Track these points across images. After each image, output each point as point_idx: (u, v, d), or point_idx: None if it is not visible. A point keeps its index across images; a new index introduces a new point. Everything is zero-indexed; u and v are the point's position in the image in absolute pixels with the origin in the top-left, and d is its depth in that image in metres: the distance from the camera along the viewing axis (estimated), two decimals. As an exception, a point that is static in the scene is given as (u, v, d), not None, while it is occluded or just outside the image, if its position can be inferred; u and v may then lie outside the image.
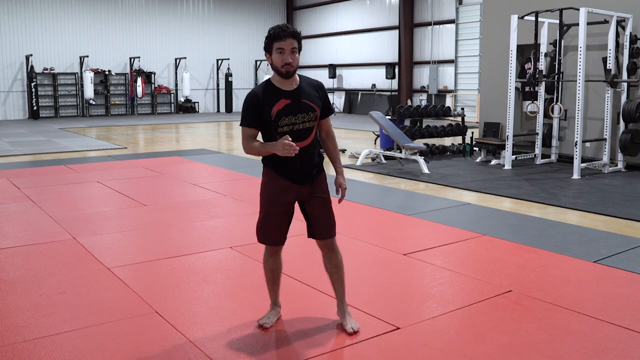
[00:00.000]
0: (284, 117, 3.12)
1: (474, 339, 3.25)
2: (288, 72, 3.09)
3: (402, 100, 21.71)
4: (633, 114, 8.97)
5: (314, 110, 3.18)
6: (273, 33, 3.06)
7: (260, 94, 3.15)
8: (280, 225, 3.32)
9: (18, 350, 3.10)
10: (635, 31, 9.23)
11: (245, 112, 3.19)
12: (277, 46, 3.06)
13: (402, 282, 4.21)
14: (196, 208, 6.62)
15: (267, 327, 3.39)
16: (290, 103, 3.12)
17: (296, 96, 3.14)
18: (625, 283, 4.16)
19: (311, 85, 3.24)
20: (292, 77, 3.15)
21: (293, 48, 3.07)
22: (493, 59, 11.25)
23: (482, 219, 6.20)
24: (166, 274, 4.37)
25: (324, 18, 26.41)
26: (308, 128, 3.18)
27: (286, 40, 3.05)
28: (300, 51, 3.14)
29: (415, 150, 9.49)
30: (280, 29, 3.05)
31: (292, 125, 3.13)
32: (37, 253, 4.87)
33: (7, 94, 21.85)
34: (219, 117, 22.77)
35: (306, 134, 3.18)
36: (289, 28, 3.07)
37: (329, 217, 3.32)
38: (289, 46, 3.06)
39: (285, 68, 3.08)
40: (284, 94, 3.13)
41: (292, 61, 3.07)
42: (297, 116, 3.14)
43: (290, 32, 3.05)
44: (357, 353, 3.10)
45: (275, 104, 3.11)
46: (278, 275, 3.48)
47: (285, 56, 3.06)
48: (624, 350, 3.11)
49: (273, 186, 3.30)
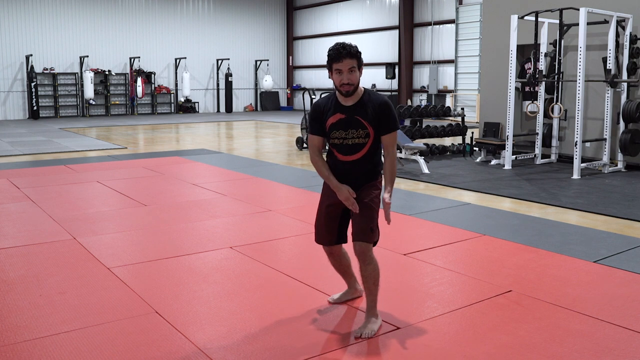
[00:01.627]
0: (335, 131, 3.27)
1: (474, 339, 3.25)
2: (347, 91, 3.21)
3: (402, 100, 21.71)
4: (633, 114, 8.97)
5: (364, 128, 3.24)
6: (330, 54, 3.17)
7: (322, 105, 3.34)
8: (326, 225, 3.45)
9: (18, 350, 3.10)
10: (635, 31, 9.23)
11: (310, 120, 3.39)
12: (335, 67, 3.18)
13: (402, 282, 4.21)
14: (196, 208, 6.62)
15: (331, 302, 3.67)
16: (344, 118, 3.25)
17: (351, 112, 3.25)
18: (625, 283, 4.16)
19: (371, 103, 3.26)
20: (353, 94, 3.25)
21: (351, 68, 3.17)
22: (493, 59, 11.25)
23: (482, 219, 6.20)
24: (166, 274, 4.37)
25: (324, 18, 26.41)
26: (358, 144, 3.26)
27: (342, 62, 3.15)
28: (361, 66, 3.23)
29: (415, 150, 9.49)
30: (337, 51, 3.15)
31: (343, 139, 3.26)
32: (37, 253, 4.87)
33: (7, 94, 21.85)
34: (219, 117, 22.77)
35: (356, 149, 3.27)
36: (346, 49, 3.15)
37: (364, 220, 3.28)
38: (347, 67, 3.16)
39: (344, 88, 3.20)
40: (340, 109, 3.27)
41: (348, 81, 3.17)
42: (347, 131, 3.25)
43: (347, 52, 3.15)
44: (357, 353, 3.10)
45: (330, 117, 3.28)
46: (344, 270, 3.63)
47: (343, 77, 3.17)
48: (624, 350, 3.11)
49: (324, 189, 3.48)
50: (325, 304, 3.74)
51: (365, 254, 3.27)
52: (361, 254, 3.28)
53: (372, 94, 3.32)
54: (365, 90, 3.32)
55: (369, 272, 3.30)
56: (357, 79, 3.21)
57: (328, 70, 3.25)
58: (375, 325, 3.32)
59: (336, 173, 3.34)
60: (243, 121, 21.24)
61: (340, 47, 3.16)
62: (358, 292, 3.76)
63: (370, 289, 3.35)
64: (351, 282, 3.74)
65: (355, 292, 3.76)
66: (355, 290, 3.76)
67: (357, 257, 3.30)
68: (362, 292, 3.74)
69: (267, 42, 27.68)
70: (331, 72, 3.22)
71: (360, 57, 3.23)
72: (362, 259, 3.28)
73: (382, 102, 3.26)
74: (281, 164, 10.39)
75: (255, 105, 27.45)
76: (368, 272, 3.30)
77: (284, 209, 6.55)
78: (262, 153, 12.11)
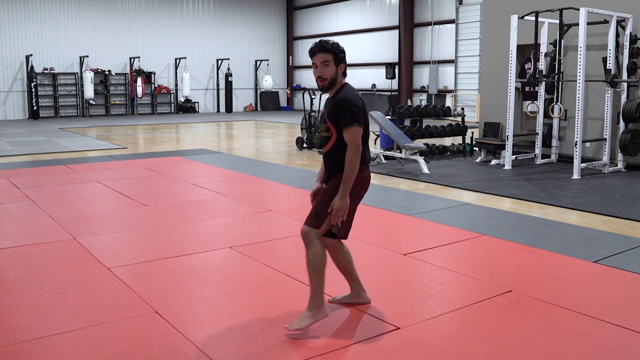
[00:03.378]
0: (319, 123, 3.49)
1: (474, 339, 3.25)
2: (323, 85, 3.33)
3: (402, 100, 21.71)
4: (633, 114, 8.97)
5: (324, 122, 3.37)
6: (308, 50, 3.35)
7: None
8: None
9: (18, 350, 3.10)
10: (635, 31, 9.23)
11: None
12: (312, 62, 3.34)
13: (402, 282, 4.21)
14: (196, 208, 6.62)
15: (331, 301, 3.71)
16: (322, 111, 3.44)
17: (325, 106, 3.43)
18: (625, 283, 4.16)
19: (335, 98, 3.34)
20: (330, 89, 3.35)
21: (325, 62, 3.28)
22: (493, 59, 11.25)
23: (482, 219, 6.20)
24: (166, 274, 4.37)
25: (324, 18, 26.41)
26: (325, 137, 3.39)
27: (316, 56, 3.30)
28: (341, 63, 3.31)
29: (415, 150, 9.49)
30: (313, 45, 3.31)
31: (319, 131, 3.48)
32: (37, 253, 4.87)
33: (7, 94, 21.85)
34: (219, 117, 22.77)
35: (326, 142, 3.40)
36: (321, 43, 3.29)
37: (314, 206, 3.38)
38: (320, 60, 3.29)
39: (318, 82, 3.33)
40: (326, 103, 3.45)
41: (320, 75, 3.30)
42: (320, 125, 3.44)
43: (321, 47, 3.28)
44: (357, 353, 3.10)
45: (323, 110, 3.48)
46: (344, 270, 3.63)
47: (317, 70, 3.31)
48: (624, 350, 3.11)
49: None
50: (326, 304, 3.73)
51: (305, 238, 3.34)
52: (302, 236, 3.36)
53: (344, 89, 3.33)
54: (342, 85, 3.36)
55: (308, 257, 3.34)
56: (332, 73, 3.30)
57: None
58: (305, 321, 3.32)
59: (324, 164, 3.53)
60: (243, 121, 21.24)
61: (317, 42, 3.32)
62: (362, 299, 3.72)
63: (309, 276, 3.37)
64: (353, 286, 3.70)
65: (358, 297, 3.71)
66: (357, 295, 3.71)
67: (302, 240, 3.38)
68: (369, 299, 3.73)
69: (267, 42, 27.68)
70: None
71: (338, 53, 3.30)
72: (304, 242, 3.36)
73: (341, 98, 3.29)
74: (281, 164, 10.39)
75: (255, 105, 27.45)
76: (307, 257, 3.34)
77: (284, 209, 6.55)
78: (262, 153, 12.11)
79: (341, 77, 3.35)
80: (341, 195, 3.24)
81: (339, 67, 3.31)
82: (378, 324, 3.43)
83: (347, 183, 3.24)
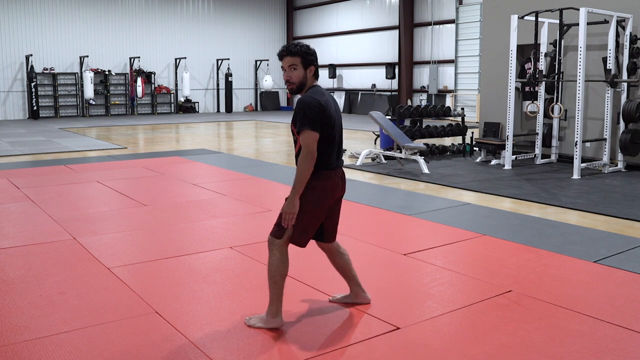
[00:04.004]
0: None
1: (474, 339, 3.25)
2: (291, 89, 3.30)
3: (402, 100, 21.71)
4: (633, 114, 8.97)
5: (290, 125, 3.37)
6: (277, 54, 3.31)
7: None
8: None
9: (18, 350, 3.10)
10: (635, 31, 9.23)
11: None
12: (281, 65, 3.31)
13: (402, 282, 4.21)
14: (196, 208, 6.62)
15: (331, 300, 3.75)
16: None
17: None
18: (625, 283, 4.16)
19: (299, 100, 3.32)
20: (299, 92, 3.30)
21: (292, 65, 3.24)
22: (493, 59, 11.25)
23: (482, 219, 6.20)
24: (166, 274, 4.37)
25: (323, 18, 26.41)
26: (294, 140, 3.33)
27: (283, 60, 3.27)
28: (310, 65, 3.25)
29: (415, 150, 9.49)
30: (281, 48, 3.29)
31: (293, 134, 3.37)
32: (37, 253, 4.87)
33: (7, 94, 21.85)
34: (219, 117, 22.77)
35: (295, 144, 3.34)
36: (288, 47, 3.25)
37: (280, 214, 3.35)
38: (287, 64, 3.26)
39: (287, 85, 3.30)
40: None
41: (288, 78, 3.27)
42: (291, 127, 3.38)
43: (287, 51, 3.24)
44: (357, 353, 3.10)
45: None
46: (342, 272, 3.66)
47: (285, 74, 3.28)
48: (624, 350, 3.11)
49: None
50: (326, 304, 3.74)
51: (269, 246, 3.38)
52: (268, 245, 3.39)
53: (308, 92, 3.27)
54: (309, 88, 3.29)
55: (268, 265, 3.36)
56: (299, 77, 3.25)
57: None
58: (257, 323, 3.37)
59: None
60: (243, 121, 21.24)
61: (284, 45, 3.29)
62: (361, 299, 3.72)
63: (268, 283, 3.37)
64: (352, 286, 3.71)
65: (357, 297, 3.72)
66: (357, 295, 3.72)
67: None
68: (368, 299, 3.74)
69: (267, 42, 27.67)
70: None
71: (306, 55, 3.25)
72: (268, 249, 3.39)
73: (299, 101, 3.26)
74: (281, 164, 10.39)
75: (255, 105, 27.45)
76: (268, 264, 3.37)
77: (284, 209, 6.54)
78: (262, 153, 12.11)
79: (311, 79, 3.29)
80: (290, 199, 3.21)
81: (308, 70, 3.25)
82: (378, 324, 3.43)
83: (296, 187, 3.20)
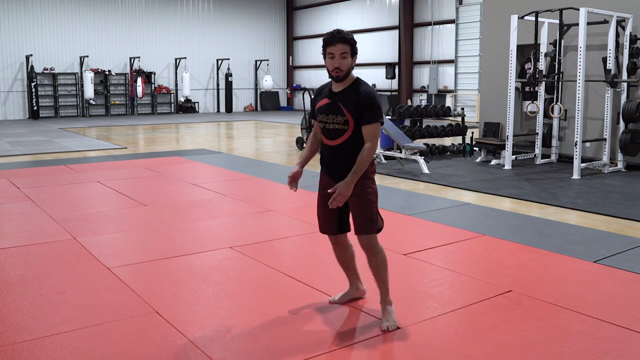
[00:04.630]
0: (319, 114, 3.41)
1: (474, 339, 3.25)
2: (338, 76, 3.29)
3: (402, 100, 21.71)
4: (633, 114, 8.97)
5: (343, 115, 3.30)
6: (325, 38, 3.28)
7: (320, 90, 3.50)
8: (324, 215, 3.51)
9: (18, 350, 3.10)
10: (635, 31, 9.22)
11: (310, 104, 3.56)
12: (328, 51, 3.28)
13: (402, 282, 4.21)
14: (196, 208, 6.62)
15: (331, 302, 3.72)
16: (329, 103, 3.36)
17: (336, 98, 3.34)
18: (625, 283, 4.16)
19: (357, 92, 3.31)
20: (343, 80, 3.32)
21: (343, 53, 3.25)
22: (493, 59, 11.25)
23: (482, 219, 6.20)
24: (166, 274, 4.37)
25: (323, 18, 26.41)
26: (338, 129, 3.33)
27: (336, 46, 3.25)
28: (355, 55, 3.31)
29: (415, 150, 9.49)
30: (331, 34, 3.26)
31: (324, 123, 3.38)
32: (37, 253, 4.87)
33: (7, 94, 21.85)
34: (219, 117, 22.77)
35: (336, 135, 3.34)
36: (340, 33, 3.26)
37: (362, 213, 3.35)
38: (339, 51, 3.25)
39: (335, 72, 3.28)
40: (329, 94, 3.39)
41: (339, 66, 3.26)
42: (328, 116, 3.35)
43: (340, 37, 3.24)
44: (357, 353, 3.10)
45: (320, 101, 3.42)
46: (347, 265, 3.66)
47: (335, 61, 3.26)
48: (624, 350, 3.11)
49: (320, 179, 3.53)
50: (326, 304, 3.74)
51: (371, 246, 3.37)
52: (367, 246, 3.36)
53: (361, 83, 3.35)
54: (357, 80, 3.37)
55: (379, 262, 3.41)
56: (349, 65, 3.28)
57: (323, 56, 3.34)
58: (394, 315, 3.42)
59: (324, 156, 3.47)
60: (243, 121, 21.23)
61: (335, 31, 3.27)
62: (360, 292, 3.76)
63: (382, 279, 3.43)
64: (353, 280, 3.73)
65: (357, 291, 3.75)
66: (357, 289, 3.75)
67: (364, 250, 3.39)
68: (364, 292, 3.77)
69: (267, 42, 27.67)
70: (325, 56, 3.31)
71: (354, 44, 3.30)
72: (369, 250, 3.37)
73: (366, 93, 3.29)
74: (281, 164, 10.39)
75: (255, 105, 27.45)
76: (378, 263, 3.40)
77: (284, 209, 6.55)
78: (262, 153, 12.11)
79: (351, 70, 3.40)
80: (349, 183, 3.26)
81: (353, 59, 3.32)
82: (378, 324, 3.43)
83: (358, 173, 3.27)
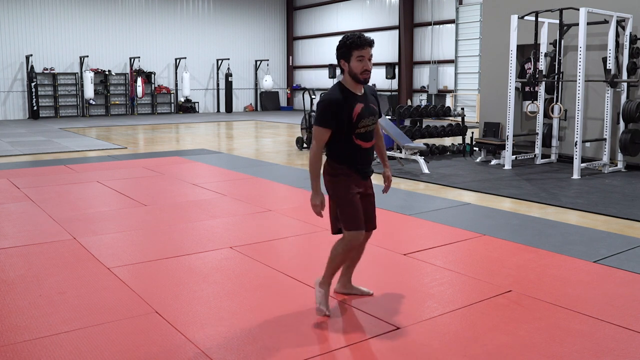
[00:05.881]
0: (362, 120, 3.38)
1: (474, 339, 3.25)
2: (366, 79, 3.37)
3: (402, 100, 21.71)
4: (633, 114, 8.97)
5: (376, 114, 3.48)
6: (352, 42, 3.31)
7: (341, 98, 3.36)
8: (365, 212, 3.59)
9: (18, 350, 3.10)
10: (635, 31, 9.22)
11: (324, 113, 3.36)
12: (358, 54, 3.31)
13: (402, 282, 4.21)
14: (196, 208, 6.62)
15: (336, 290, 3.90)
16: (365, 107, 3.41)
17: (365, 100, 3.43)
18: (625, 283, 4.16)
19: (371, 91, 3.54)
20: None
21: (370, 56, 3.37)
22: (493, 59, 11.25)
23: (482, 219, 6.20)
24: (166, 274, 4.37)
25: (324, 18, 26.41)
26: (372, 130, 3.48)
27: (365, 49, 3.32)
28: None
29: (415, 150, 9.49)
30: (359, 38, 3.32)
31: (366, 127, 3.41)
32: (37, 253, 4.87)
33: (7, 94, 21.85)
34: (219, 117, 22.77)
35: (371, 135, 3.49)
36: (367, 37, 3.36)
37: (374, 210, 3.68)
38: (368, 54, 3.34)
39: (364, 75, 3.34)
40: (358, 98, 3.40)
41: (368, 68, 3.35)
42: (369, 119, 3.42)
43: (369, 41, 3.35)
44: (357, 353, 3.10)
45: (355, 107, 3.37)
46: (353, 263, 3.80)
47: (365, 63, 3.32)
48: (624, 350, 3.11)
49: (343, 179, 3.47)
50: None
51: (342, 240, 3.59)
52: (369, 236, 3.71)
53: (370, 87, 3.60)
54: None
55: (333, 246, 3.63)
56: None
57: (342, 58, 3.35)
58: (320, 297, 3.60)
59: (359, 162, 3.48)
60: (243, 121, 21.24)
61: (361, 35, 3.35)
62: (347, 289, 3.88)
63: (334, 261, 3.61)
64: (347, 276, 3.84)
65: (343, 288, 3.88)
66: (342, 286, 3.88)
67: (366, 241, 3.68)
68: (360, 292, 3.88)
69: (267, 42, 27.68)
70: (348, 60, 3.33)
71: None
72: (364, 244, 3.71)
73: (375, 90, 3.60)
74: (281, 164, 10.39)
75: (255, 105, 27.45)
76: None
77: (284, 209, 6.55)
78: (262, 153, 12.11)
79: None
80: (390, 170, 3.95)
81: None
82: (378, 324, 3.43)
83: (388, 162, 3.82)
